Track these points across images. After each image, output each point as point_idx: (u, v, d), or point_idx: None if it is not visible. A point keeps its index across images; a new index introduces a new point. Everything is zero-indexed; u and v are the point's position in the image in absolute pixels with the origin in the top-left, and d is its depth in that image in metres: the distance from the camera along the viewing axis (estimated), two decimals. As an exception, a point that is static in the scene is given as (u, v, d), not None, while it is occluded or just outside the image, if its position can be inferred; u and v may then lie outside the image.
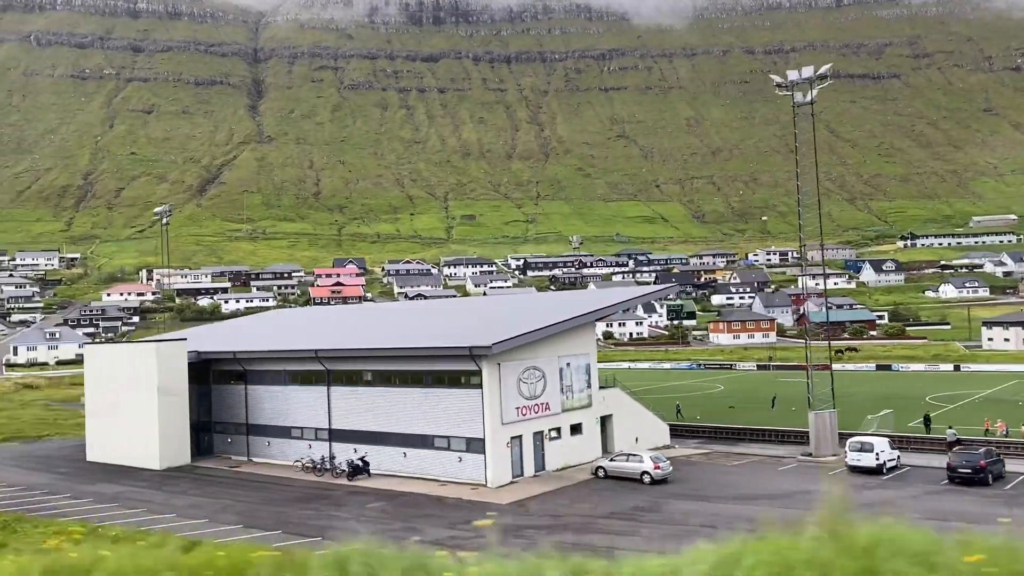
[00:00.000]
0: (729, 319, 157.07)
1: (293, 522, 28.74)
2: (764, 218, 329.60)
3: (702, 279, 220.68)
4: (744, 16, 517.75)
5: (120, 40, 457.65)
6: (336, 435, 39.64)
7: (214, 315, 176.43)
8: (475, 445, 34.19)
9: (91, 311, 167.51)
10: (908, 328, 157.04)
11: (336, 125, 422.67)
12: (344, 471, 37.47)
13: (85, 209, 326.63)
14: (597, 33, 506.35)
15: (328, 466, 38.47)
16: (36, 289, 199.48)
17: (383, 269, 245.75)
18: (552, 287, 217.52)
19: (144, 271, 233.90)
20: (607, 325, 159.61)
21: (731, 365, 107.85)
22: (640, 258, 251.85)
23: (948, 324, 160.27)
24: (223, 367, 44.96)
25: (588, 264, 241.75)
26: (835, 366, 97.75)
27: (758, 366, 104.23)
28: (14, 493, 37.26)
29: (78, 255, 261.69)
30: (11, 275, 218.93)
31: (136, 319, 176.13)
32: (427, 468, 35.99)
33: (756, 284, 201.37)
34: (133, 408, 42.46)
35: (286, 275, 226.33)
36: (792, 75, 44.02)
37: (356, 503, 32.58)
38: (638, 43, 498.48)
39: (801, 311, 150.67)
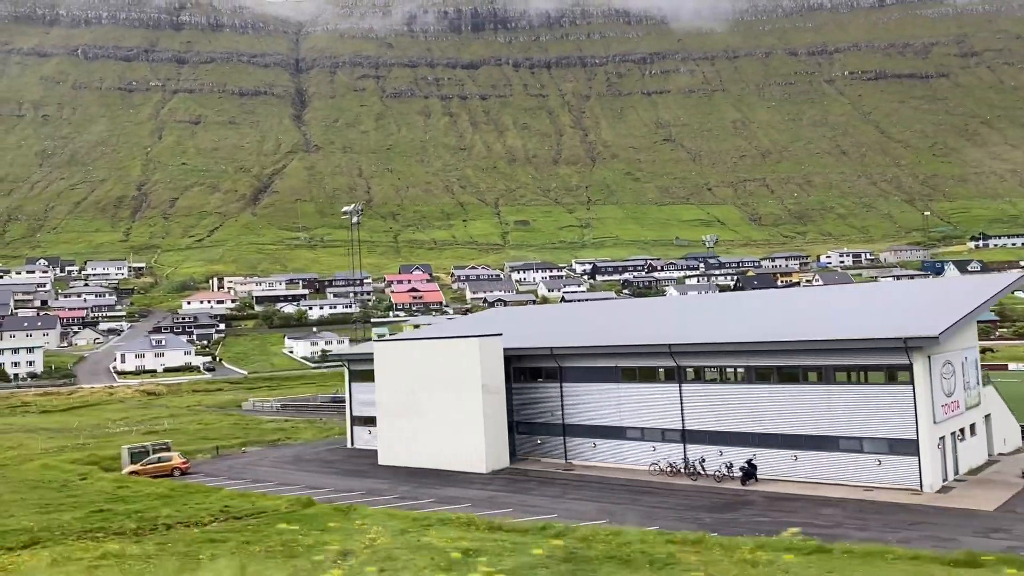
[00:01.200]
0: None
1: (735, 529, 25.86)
2: (927, 213, 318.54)
3: (779, 281, 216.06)
4: (785, 17, 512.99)
5: (164, 52, 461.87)
6: (692, 436, 36.69)
7: (301, 321, 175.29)
8: (902, 447, 31.09)
9: (183, 318, 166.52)
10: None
11: (381, 133, 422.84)
12: (723, 475, 34.48)
13: (141, 219, 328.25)
14: (637, 37, 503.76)
15: (699, 469, 35.49)
16: (114, 298, 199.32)
17: (451, 275, 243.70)
18: (626, 292, 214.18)
19: (215, 279, 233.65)
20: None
21: (1005, 365, 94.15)
22: (710, 261, 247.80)
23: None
24: (528, 363, 42.22)
25: (659, 268, 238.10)
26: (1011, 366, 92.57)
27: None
28: (334, 498, 34.47)
29: (143, 264, 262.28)
30: (86, 284, 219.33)
31: (222, 326, 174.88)
32: (825, 472, 32.93)
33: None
34: (446, 408, 39.85)
35: (358, 282, 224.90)
36: None
37: (797, 509, 29.50)
38: (679, 46, 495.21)
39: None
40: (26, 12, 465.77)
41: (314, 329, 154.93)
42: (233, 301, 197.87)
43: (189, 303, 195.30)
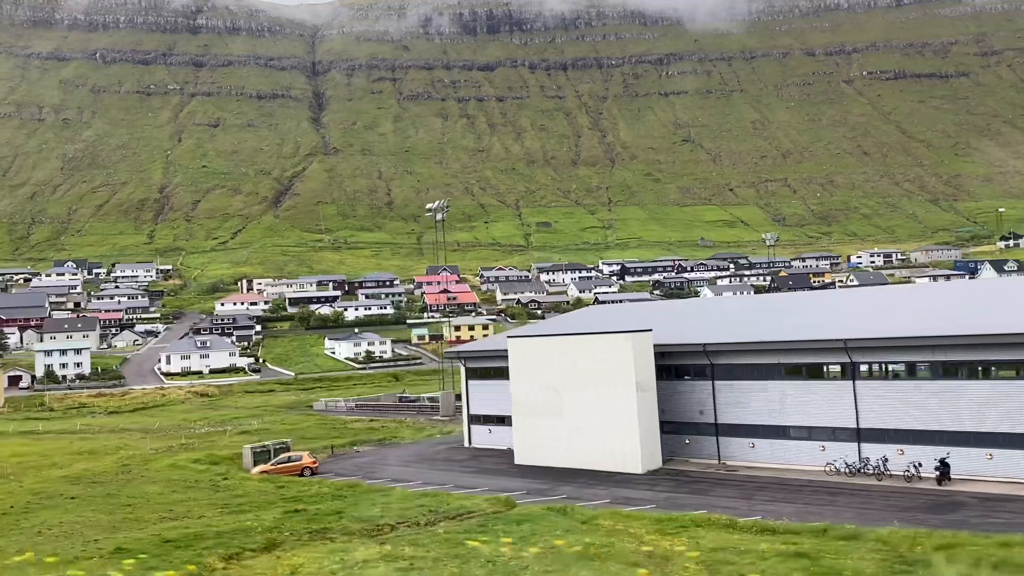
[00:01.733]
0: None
1: None
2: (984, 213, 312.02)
3: (814, 281, 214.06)
4: (802, 18, 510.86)
5: (182, 56, 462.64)
6: (868, 435, 35.28)
7: (338, 323, 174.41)
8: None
9: (221, 320, 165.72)
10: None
11: (399, 135, 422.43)
12: (912, 475, 33.05)
13: (164, 222, 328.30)
14: (653, 38, 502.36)
15: (883, 469, 34.04)
16: (147, 300, 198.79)
17: (479, 276, 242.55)
18: (657, 293, 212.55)
19: (243, 281, 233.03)
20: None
21: None
22: (740, 262, 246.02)
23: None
24: (673, 360, 40.87)
25: (688, 268, 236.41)
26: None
27: None
28: (520, 498, 33.16)
29: (169, 266, 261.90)
30: (116, 287, 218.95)
31: (258, 327, 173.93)
32: (1026, 470, 31.42)
33: (883, 285, 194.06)
34: (595, 406, 38.55)
35: (387, 283, 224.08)
36: None
37: (1018, 510, 28.04)
38: (695, 47, 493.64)
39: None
40: (44, 16, 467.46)
41: (356, 330, 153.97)
42: (266, 303, 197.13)
43: (223, 304, 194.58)
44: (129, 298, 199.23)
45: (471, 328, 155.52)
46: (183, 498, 31.70)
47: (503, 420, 47.18)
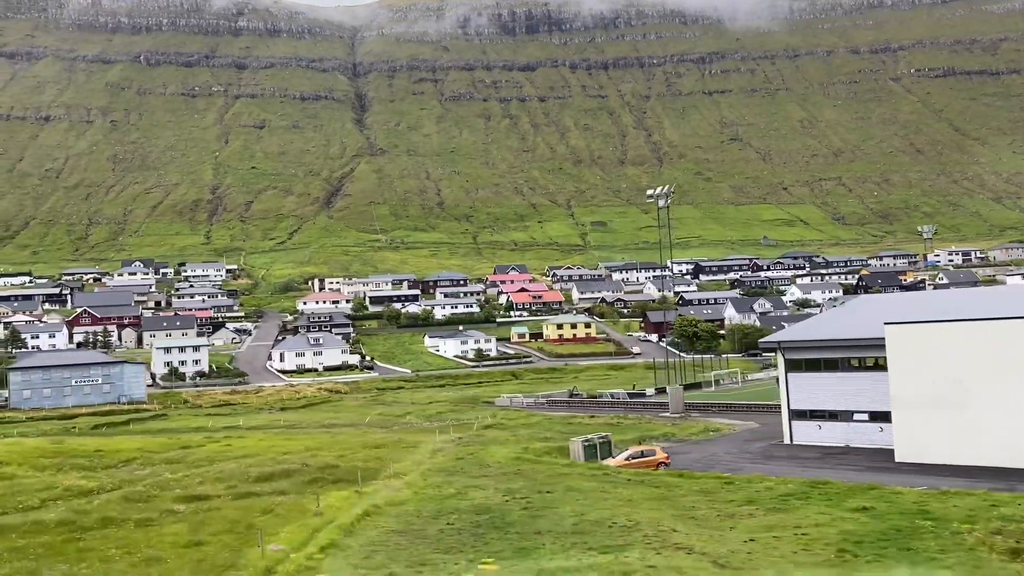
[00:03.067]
0: None
1: None
2: None
3: (904, 280, 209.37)
4: (845, 16, 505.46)
5: (224, 58, 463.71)
6: None
7: (428, 321, 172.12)
8: None
9: (318, 318, 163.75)
10: None
11: (443, 136, 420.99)
12: None
13: (218, 222, 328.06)
14: (693, 37, 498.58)
15: None
16: (230, 299, 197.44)
17: (549, 275, 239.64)
18: (738, 291, 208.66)
19: (315, 280, 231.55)
20: None
21: None
22: (815, 260, 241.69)
23: None
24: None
25: (764, 267, 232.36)
26: None
27: None
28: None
29: (234, 266, 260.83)
30: (191, 286, 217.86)
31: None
32: None
33: (975, 285, 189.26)
34: (1018, 399, 35.28)
35: (460, 282, 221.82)
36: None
37: None
38: (737, 45, 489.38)
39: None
40: (89, 20, 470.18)
41: (460, 328, 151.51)
42: (348, 301, 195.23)
43: (305, 303, 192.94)
44: (210, 297, 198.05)
45: (573, 327, 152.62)
46: (627, 497, 28.63)
47: (835, 415, 44.11)
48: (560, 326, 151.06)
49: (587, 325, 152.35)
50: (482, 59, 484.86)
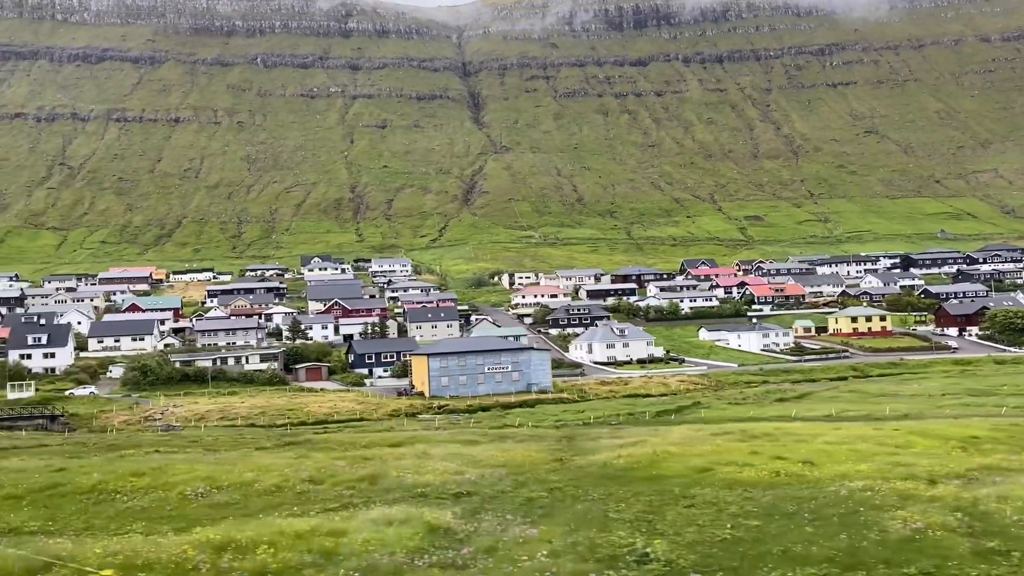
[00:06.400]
0: None
1: None
2: None
3: None
4: (969, 3, 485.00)
5: (338, 59, 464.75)
6: None
7: (676, 314, 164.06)
8: None
9: (568, 312, 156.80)
10: None
11: (563, 133, 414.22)
12: None
13: (364, 220, 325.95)
14: (809, 29, 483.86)
15: None
16: (445, 294, 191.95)
17: (740, 269, 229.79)
18: (983, 285, 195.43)
19: (504, 276, 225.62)
20: None
21: None
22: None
23: None
24: None
25: (980, 260, 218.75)
26: None
27: None
28: None
29: (407, 262, 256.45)
30: (389, 281, 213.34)
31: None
32: None
33: None
34: None
35: (663, 276, 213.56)
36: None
37: None
38: (856, 36, 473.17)
39: None
40: (205, 24, 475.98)
41: (754, 320, 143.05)
42: (565, 295, 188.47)
43: (524, 297, 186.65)
44: (424, 291, 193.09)
45: (868, 319, 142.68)
46: None
47: None
48: (854, 319, 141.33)
49: (882, 319, 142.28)
50: (592, 55, 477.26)
